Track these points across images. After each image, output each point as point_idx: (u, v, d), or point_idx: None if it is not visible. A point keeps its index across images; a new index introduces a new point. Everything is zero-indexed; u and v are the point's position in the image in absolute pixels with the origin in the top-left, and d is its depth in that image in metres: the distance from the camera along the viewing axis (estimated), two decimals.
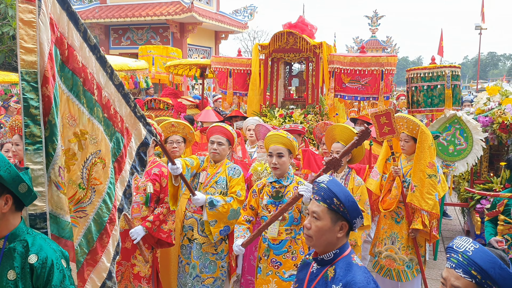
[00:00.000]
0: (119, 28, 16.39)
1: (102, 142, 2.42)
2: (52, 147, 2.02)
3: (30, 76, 1.92)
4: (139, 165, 2.75)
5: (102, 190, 2.40)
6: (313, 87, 6.80)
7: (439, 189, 4.13)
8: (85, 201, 2.33)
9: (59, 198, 2.07)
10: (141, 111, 2.71)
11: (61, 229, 2.09)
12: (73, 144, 2.26)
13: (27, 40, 1.90)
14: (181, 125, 4.40)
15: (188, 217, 3.95)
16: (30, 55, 1.91)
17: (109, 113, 2.46)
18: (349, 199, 1.99)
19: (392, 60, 6.25)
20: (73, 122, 2.25)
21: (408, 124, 4.19)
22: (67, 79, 2.19)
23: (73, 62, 2.20)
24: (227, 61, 7.56)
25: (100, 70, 2.37)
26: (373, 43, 22.44)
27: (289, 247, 3.37)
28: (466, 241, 1.62)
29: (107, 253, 2.41)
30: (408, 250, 4.21)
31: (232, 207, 3.70)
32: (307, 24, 6.82)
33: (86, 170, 2.33)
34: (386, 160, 4.34)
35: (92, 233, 2.34)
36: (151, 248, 3.90)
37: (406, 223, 4.21)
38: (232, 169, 3.90)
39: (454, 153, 5.47)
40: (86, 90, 2.28)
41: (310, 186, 3.10)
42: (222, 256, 3.86)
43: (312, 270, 2.10)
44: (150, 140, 2.79)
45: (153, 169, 3.90)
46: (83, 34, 2.24)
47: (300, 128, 5.19)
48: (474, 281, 1.55)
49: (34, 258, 1.85)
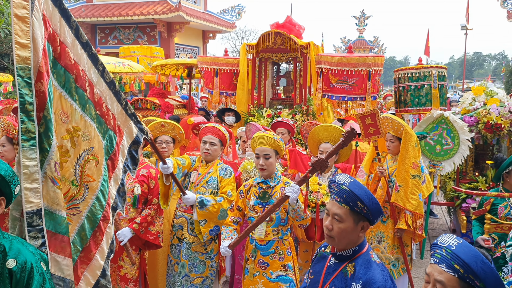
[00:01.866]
0: (106, 27, 16.27)
1: (95, 139, 2.41)
2: (48, 143, 2.02)
3: (24, 71, 1.91)
4: (131, 164, 2.75)
5: (95, 187, 2.39)
6: (301, 87, 6.82)
7: (424, 189, 4.18)
8: (78, 198, 2.32)
9: (55, 193, 2.06)
10: (132, 109, 2.71)
11: (58, 224, 2.09)
12: (65, 141, 2.25)
13: (21, 35, 1.90)
14: (171, 125, 4.40)
15: (178, 216, 3.96)
16: (24, 50, 1.90)
17: (101, 111, 2.46)
18: (373, 201, 1.98)
19: (379, 60, 6.30)
20: (66, 119, 2.24)
21: (393, 124, 4.23)
22: (59, 75, 2.18)
23: (66, 59, 2.19)
24: (213, 61, 7.55)
25: (92, 68, 2.37)
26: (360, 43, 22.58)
27: (276, 248, 3.37)
28: (449, 237, 1.66)
29: (101, 250, 2.40)
30: (394, 249, 4.26)
31: (223, 207, 3.72)
32: (294, 24, 6.84)
33: (79, 167, 2.32)
34: (373, 160, 4.38)
35: (85, 231, 2.32)
36: (138, 249, 3.88)
37: (391, 223, 4.26)
38: (223, 170, 3.92)
39: (441, 152, 5.53)
40: (78, 87, 2.28)
41: (297, 187, 3.11)
42: (211, 256, 3.87)
43: (330, 263, 2.12)
44: (142, 138, 2.80)
45: (141, 170, 3.89)
46: (75, 31, 2.23)
47: (291, 124, 5.21)
48: (456, 275, 1.58)
49: (13, 262, 1.83)
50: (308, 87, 6.91)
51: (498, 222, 3.92)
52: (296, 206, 3.18)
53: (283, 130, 5.17)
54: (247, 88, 7.06)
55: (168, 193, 3.75)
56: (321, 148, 4.12)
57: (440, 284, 1.61)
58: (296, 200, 3.15)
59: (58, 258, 2.11)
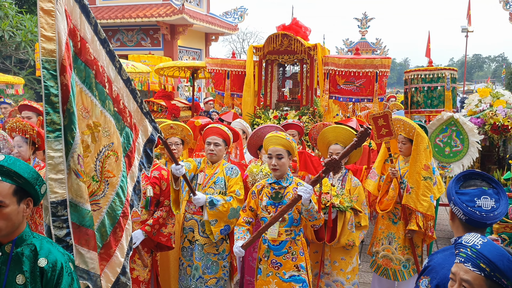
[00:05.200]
0: (109, 29, 16.27)
1: (114, 135, 2.40)
2: (71, 135, 2.03)
3: (50, 64, 1.93)
4: (146, 162, 2.74)
5: (115, 183, 2.38)
6: (308, 88, 6.83)
7: (435, 191, 4.18)
8: (98, 194, 2.31)
9: (79, 186, 2.06)
10: (147, 108, 2.71)
11: (82, 217, 2.08)
12: (86, 136, 2.25)
13: (47, 28, 1.92)
14: (180, 127, 4.41)
15: (188, 219, 3.97)
16: (50, 43, 1.93)
17: (119, 107, 2.46)
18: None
19: (386, 62, 6.30)
20: (86, 114, 2.24)
21: (404, 126, 4.24)
22: (79, 71, 2.19)
23: (86, 54, 2.20)
24: (224, 63, 7.55)
25: (109, 64, 2.37)
26: (363, 45, 22.54)
27: (289, 248, 3.38)
28: (474, 236, 1.66)
29: (121, 247, 2.38)
30: (405, 250, 4.27)
31: (232, 206, 3.74)
32: (301, 26, 6.85)
33: (99, 162, 2.31)
34: (385, 161, 4.39)
35: (105, 227, 2.30)
36: (150, 251, 3.88)
37: (402, 224, 4.26)
38: (229, 169, 3.93)
39: (450, 154, 5.54)
40: (98, 82, 2.28)
41: (310, 187, 3.12)
42: (223, 256, 3.89)
43: None
44: (156, 137, 2.80)
45: (153, 172, 3.89)
46: (94, 27, 2.24)
47: (301, 126, 5.21)
48: (483, 274, 1.58)
49: (44, 261, 1.85)
50: (315, 89, 6.92)
51: (508, 222, 3.92)
52: (309, 206, 3.19)
53: (294, 132, 5.17)
54: (253, 90, 7.07)
55: (178, 198, 3.76)
56: (330, 149, 4.12)
57: (467, 283, 1.61)
58: (309, 201, 3.16)
59: (82, 251, 2.10)
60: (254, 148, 4.51)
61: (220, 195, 3.79)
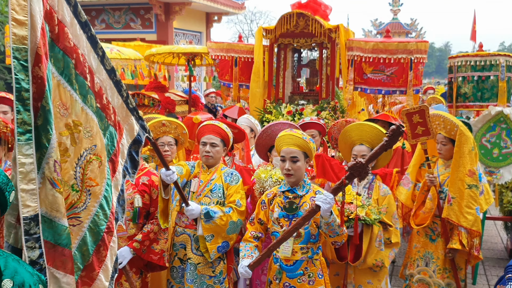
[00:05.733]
0: (92, 9, 16.33)
1: (97, 136, 2.39)
2: (46, 138, 2.01)
3: (21, 53, 1.90)
4: (131, 167, 2.74)
5: (99, 193, 2.37)
6: (328, 78, 6.82)
7: (482, 202, 4.15)
8: (79, 206, 2.29)
9: (55, 198, 2.04)
10: (134, 103, 2.70)
11: (57, 235, 2.07)
12: (64, 138, 2.22)
13: (18, 11, 1.89)
14: (173, 125, 4.42)
15: (179, 233, 3.95)
16: (21, 28, 1.89)
17: (102, 103, 2.44)
18: None
19: (422, 46, 6.26)
20: (65, 112, 2.22)
21: (445, 123, 4.21)
22: (57, 60, 2.16)
23: (64, 41, 2.17)
24: (231, 48, 7.50)
25: (91, 52, 2.36)
26: (395, 27, 22.46)
27: (305, 269, 3.36)
28: None
29: (105, 269, 2.38)
30: (445, 273, 4.25)
31: (232, 219, 3.72)
32: (320, 3, 6.83)
33: (80, 168, 2.29)
34: (420, 166, 4.36)
35: (87, 245, 2.29)
36: (139, 272, 3.89)
37: (442, 242, 4.25)
38: (229, 175, 3.93)
39: (499, 157, 5.48)
40: (78, 74, 2.26)
41: (330, 196, 3.09)
42: (220, 279, 3.87)
43: None
44: (143, 137, 2.79)
45: (141, 178, 3.89)
46: (74, 8, 2.22)
47: (322, 124, 5.17)
48: None
49: (9, 283, 1.83)
50: (337, 79, 6.90)
51: None
52: (329, 219, 3.17)
53: (314, 132, 5.14)
54: (263, 80, 7.06)
55: (167, 209, 3.76)
56: (354, 151, 4.10)
57: None
58: (330, 212, 3.14)
59: (57, 275, 2.09)
60: (263, 149, 4.49)
61: (217, 206, 3.77)
